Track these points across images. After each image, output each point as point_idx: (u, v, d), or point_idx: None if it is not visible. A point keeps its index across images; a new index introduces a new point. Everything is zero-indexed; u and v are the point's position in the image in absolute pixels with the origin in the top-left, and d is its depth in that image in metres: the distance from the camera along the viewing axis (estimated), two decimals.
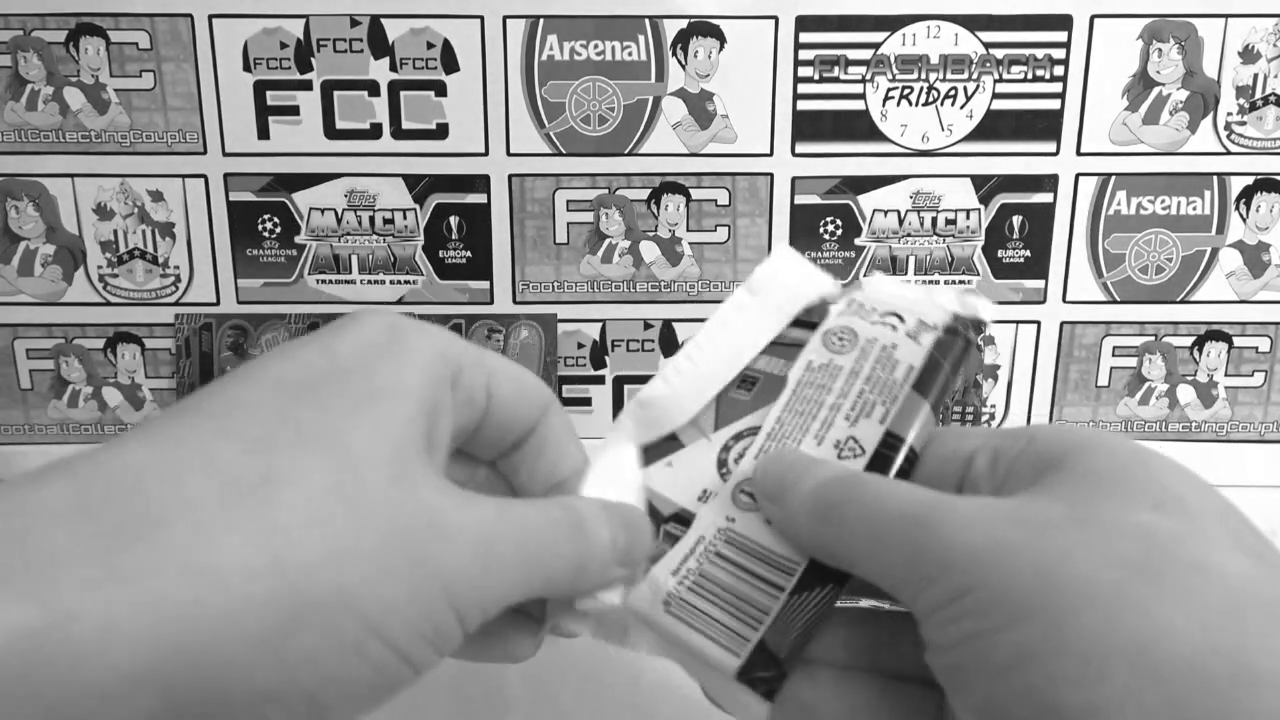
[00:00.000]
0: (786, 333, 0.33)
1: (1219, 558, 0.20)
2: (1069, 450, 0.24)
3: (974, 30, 0.57)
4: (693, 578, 0.28)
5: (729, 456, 0.30)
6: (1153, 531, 0.20)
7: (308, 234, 0.60)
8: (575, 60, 0.57)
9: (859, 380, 0.29)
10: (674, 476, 0.30)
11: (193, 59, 0.57)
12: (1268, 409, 0.62)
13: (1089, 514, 0.21)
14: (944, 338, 0.29)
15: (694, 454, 0.31)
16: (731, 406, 0.31)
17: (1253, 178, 0.59)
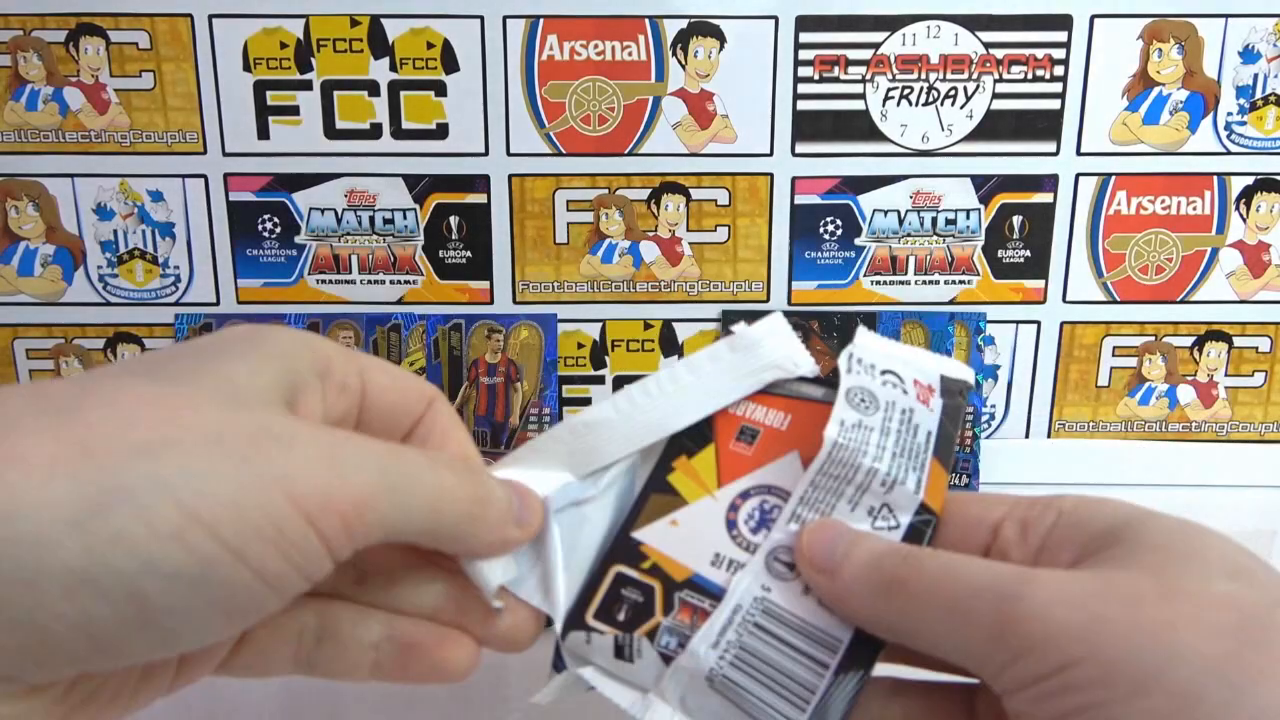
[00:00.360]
0: (785, 384, 0.31)
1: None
2: (1123, 525, 0.24)
3: (974, 30, 0.57)
4: (734, 651, 0.27)
5: (738, 517, 0.29)
6: (1239, 601, 0.21)
7: (307, 234, 0.60)
8: (575, 60, 0.57)
9: (890, 443, 0.27)
10: (680, 538, 0.29)
11: (193, 59, 0.57)
12: (1268, 409, 0.62)
13: (1175, 586, 0.22)
14: (949, 403, 0.29)
15: (699, 513, 0.29)
16: (733, 461, 0.30)
17: (1253, 178, 0.59)
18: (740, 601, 0.27)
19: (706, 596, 0.28)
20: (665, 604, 0.28)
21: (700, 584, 0.28)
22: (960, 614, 0.23)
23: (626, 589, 0.28)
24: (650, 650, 0.27)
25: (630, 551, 0.29)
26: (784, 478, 0.29)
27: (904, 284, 0.61)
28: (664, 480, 0.30)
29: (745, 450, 0.30)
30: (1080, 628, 0.21)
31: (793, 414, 0.30)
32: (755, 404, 0.30)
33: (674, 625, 0.28)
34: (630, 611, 0.28)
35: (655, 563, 0.29)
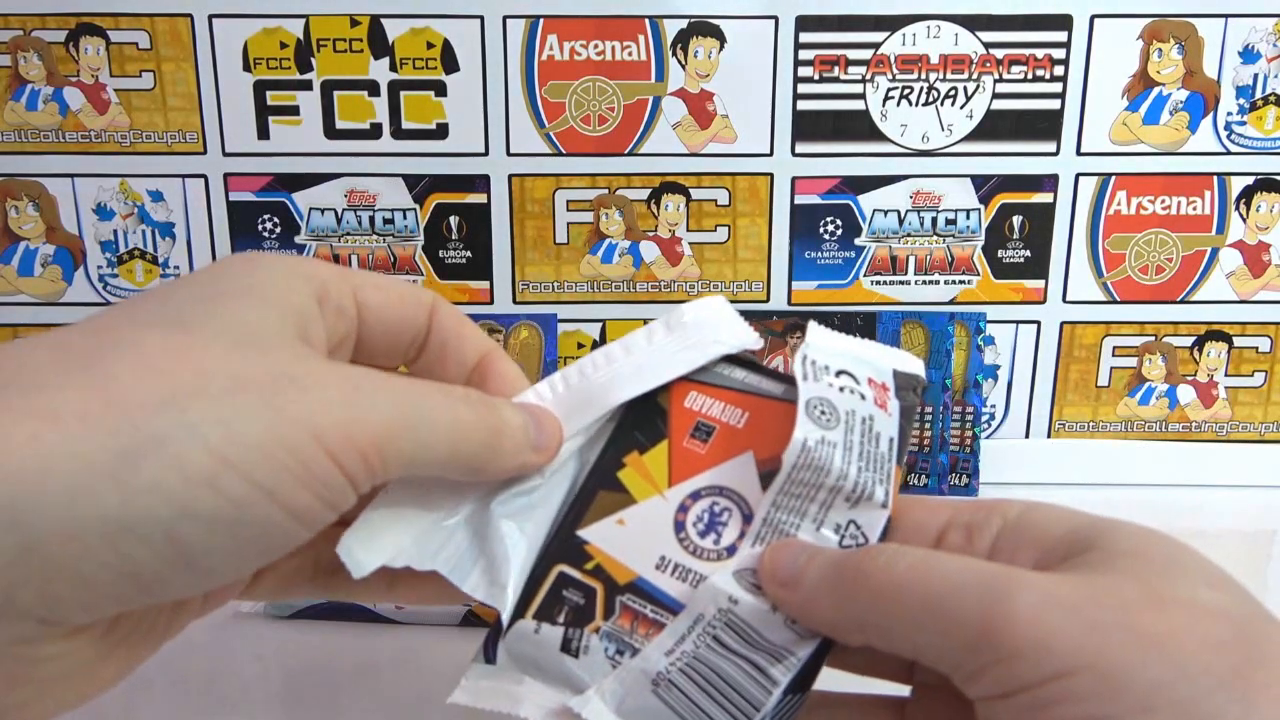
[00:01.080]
0: (745, 379, 0.30)
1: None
2: (1090, 530, 0.23)
3: (974, 30, 0.57)
4: (686, 660, 0.26)
5: (687, 519, 0.28)
6: (1230, 612, 0.21)
7: (308, 234, 0.60)
8: (575, 60, 0.57)
9: (854, 458, 0.26)
10: (626, 538, 0.28)
11: (193, 59, 0.57)
12: (1268, 409, 0.62)
13: (1164, 594, 0.21)
14: (905, 403, 0.28)
15: (647, 513, 0.28)
16: (685, 459, 0.29)
17: (1253, 178, 0.59)
18: (704, 611, 0.26)
19: (649, 602, 0.27)
20: (606, 608, 0.27)
21: (643, 588, 0.27)
22: (939, 612, 0.22)
23: (568, 590, 0.28)
24: (598, 647, 0.27)
25: (574, 550, 0.28)
26: (737, 479, 0.28)
27: (904, 284, 0.61)
28: (614, 476, 0.29)
29: (699, 448, 0.29)
30: (1077, 635, 0.20)
31: (750, 411, 0.29)
32: (712, 399, 0.30)
33: (614, 630, 0.27)
34: (570, 613, 0.27)
35: (599, 563, 0.28)
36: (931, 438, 0.60)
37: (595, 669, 0.27)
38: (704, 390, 0.30)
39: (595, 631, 0.27)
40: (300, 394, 0.21)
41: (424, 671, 0.40)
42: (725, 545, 0.28)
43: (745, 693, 0.26)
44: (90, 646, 0.22)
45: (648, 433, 0.29)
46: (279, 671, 0.40)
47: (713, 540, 0.28)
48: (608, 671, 0.27)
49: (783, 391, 0.29)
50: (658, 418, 0.29)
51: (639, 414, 0.30)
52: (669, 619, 0.27)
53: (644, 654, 0.26)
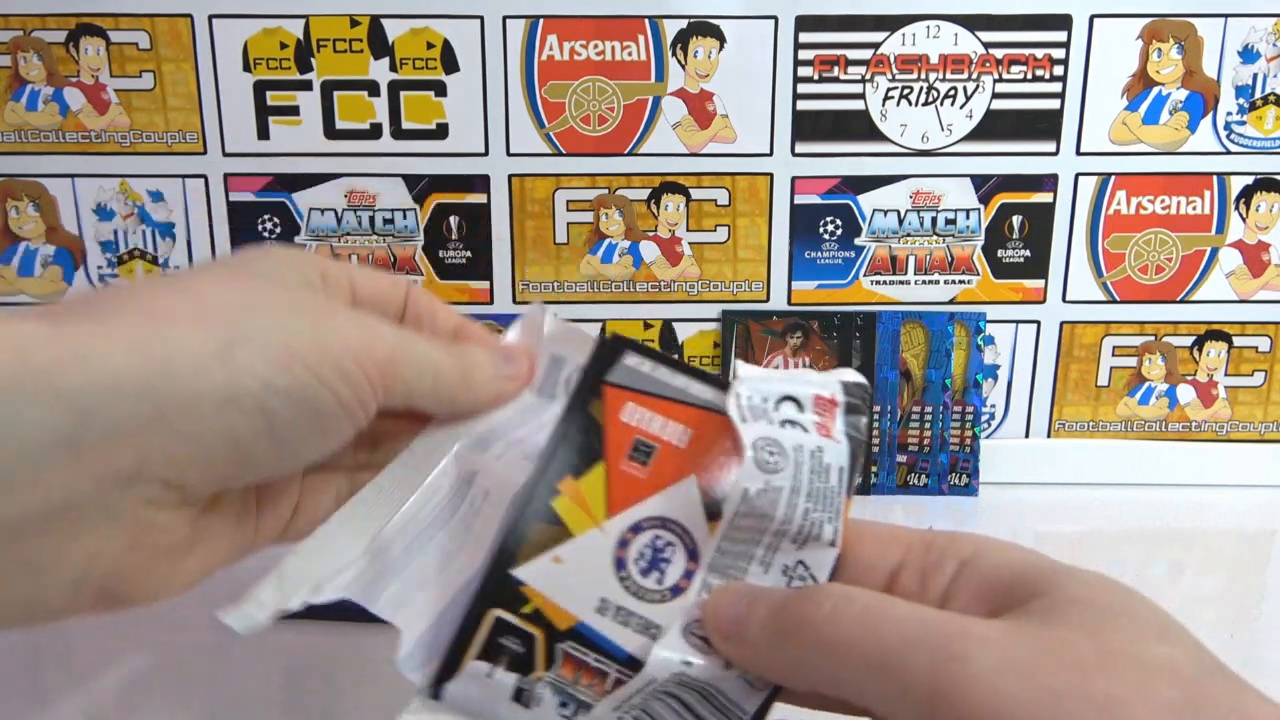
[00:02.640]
0: (677, 384, 0.28)
1: (1248, 705, 0.21)
2: (1038, 576, 0.23)
3: (974, 30, 0.57)
4: (634, 713, 0.25)
5: (628, 556, 0.26)
6: (1180, 670, 0.21)
7: (308, 234, 0.60)
8: (575, 60, 0.57)
9: (801, 498, 0.25)
10: (564, 579, 0.26)
11: (193, 59, 0.57)
12: (1267, 409, 0.62)
13: (1114, 650, 0.21)
14: (852, 422, 0.27)
15: (585, 548, 0.26)
16: (624, 485, 0.27)
17: (1252, 177, 0.59)
18: (656, 675, 0.25)
19: (591, 650, 0.25)
20: (548, 656, 0.26)
21: (585, 634, 0.26)
22: (888, 669, 0.21)
23: (505, 637, 0.26)
24: (551, 698, 0.25)
25: (510, 593, 0.26)
26: (680, 509, 0.26)
27: (904, 284, 0.61)
28: (548, 506, 0.27)
29: (639, 471, 0.27)
30: (1030, 701, 0.20)
31: (692, 429, 0.27)
32: (651, 411, 0.27)
33: (556, 681, 0.25)
34: (510, 663, 0.26)
35: (537, 607, 0.26)
36: (931, 438, 0.60)
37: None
38: (642, 401, 0.28)
39: (539, 681, 0.26)
40: (333, 320, 0.27)
41: None
42: (669, 585, 0.26)
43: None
44: (186, 528, 0.26)
45: (583, 453, 0.27)
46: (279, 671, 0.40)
47: (655, 580, 0.26)
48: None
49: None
50: (592, 434, 0.27)
51: (573, 429, 0.28)
52: (612, 668, 0.25)
53: (594, 713, 0.25)
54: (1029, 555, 0.25)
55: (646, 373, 0.28)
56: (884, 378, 0.60)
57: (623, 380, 0.28)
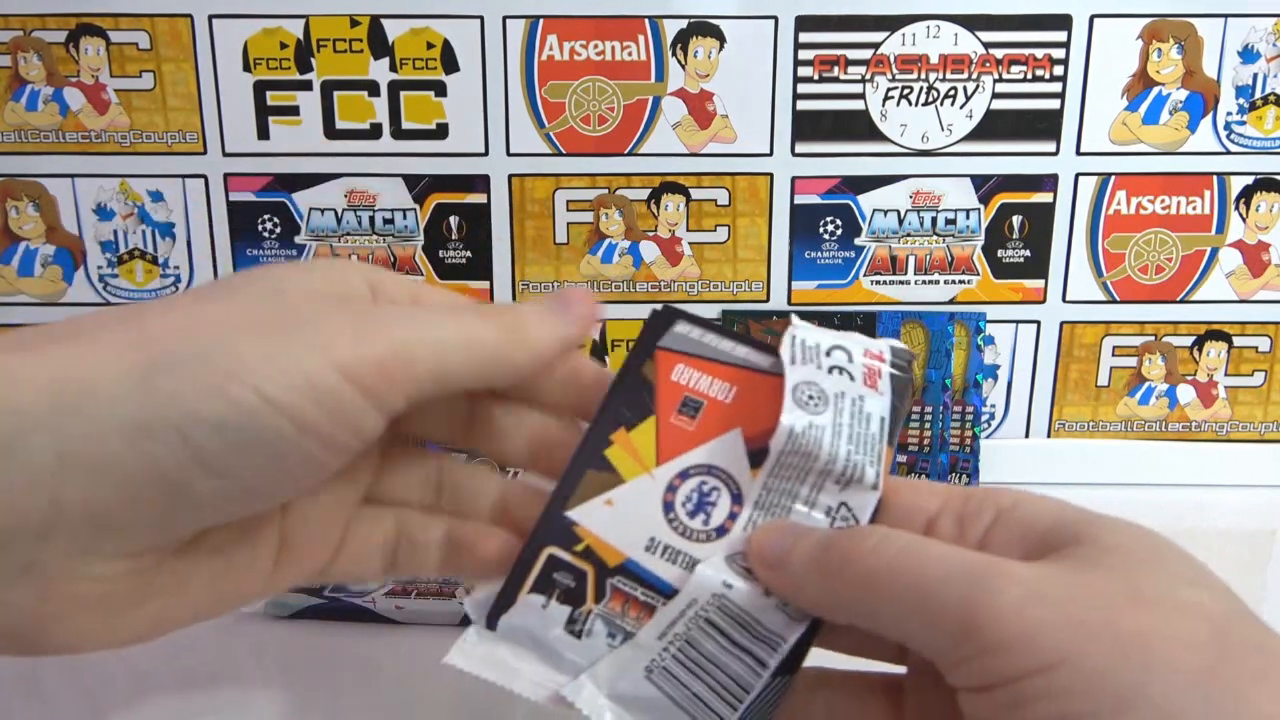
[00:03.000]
0: (724, 348, 0.30)
1: (1274, 643, 0.21)
2: (1075, 524, 0.24)
3: (974, 30, 0.57)
4: (679, 644, 0.26)
5: (676, 500, 0.28)
6: (1208, 611, 0.21)
7: (308, 234, 0.60)
8: (575, 60, 0.57)
9: (843, 441, 0.27)
10: (615, 519, 0.28)
11: (193, 59, 0.57)
12: (1267, 408, 0.62)
13: (1145, 592, 0.22)
14: (897, 376, 0.28)
15: (636, 493, 0.28)
16: (673, 436, 0.29)
17: (1253, 177, 0.59)
18: (696, 596, 0.26)
19: (639, 584, 0.27)
20: (597, 590, 0.27)
21: (633, 570, 0.27)
22: (924, 601, 0.22)
23: (559, 572, 0.28)
24: (601, 629, 0.27)
25: (564, 532, 0.28)
26: (725, 458, 0.28)
27: (904, 284, 0.61)
28: (601, 455, 0.29)
29: (687, 424, 0.29)
30: (1058, 630, 0.21)
31: (738, 386, 0.29)
32: (699, 372, 0.29)
33: (605, 613, 0.27)
34: (562, 596, 0.27)
35: (589, 545, 0.28)
36: (931, 438, 0.60)
37: (593, 652, 0.27)
38: (690, 363, 0.30)
39: (589, 613, 0.27)
40: (308, 325, 0.23)
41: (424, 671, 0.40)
42: (715, 526, 0.28)
43: (735, 676, 0.26)
44: (131, 579, 0.23)
45: (634, 408, 0.29)
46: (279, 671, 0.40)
47: (702, 521, 0.28)
48: (604, 655, 0.27)
49: (770, 365, 0.29)
50: (644, 392, 0.29)
51: (626, 387, 0.29)
52: (660, 602, 0.27)
53: (637, 639, 0.27)
54: (1067, 506, 0.25)
55: (696, 338, 0.30)
56: None
57: (673, 345, 0.30)
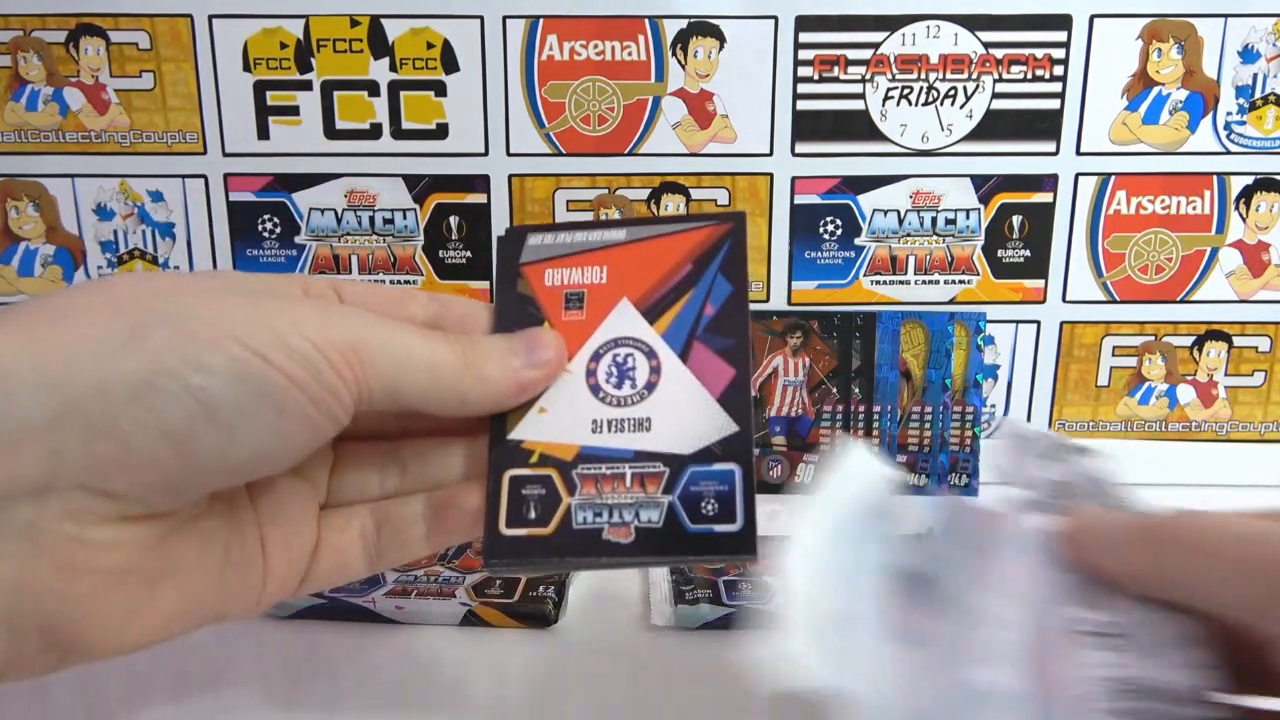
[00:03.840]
0: (577, 240, 0.32)
1: None
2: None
3: (974, 30, 0.57)
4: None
5: (599, 380, 0.30)
6: None
7: (308, 234, 0.60)
8: (575, 60, 0.57)
9: None
10: (554, 421, 0.29)
11: (193, 59, 0.57)
12: (1267, 409, 0.62)
13: None
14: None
15: (562, 392, 0.30)
16: (572, 330, 0.30)
17: (1252, 177, 0.59)
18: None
19: (602, 463, 0.29)
20: (567, 485, 0.29)
21: (591, 454, 0.29)
22: (1246, 551, 0.20)
23: (526, 488, 0.29)
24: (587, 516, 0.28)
25: (514, 453, 0.29)
26: (624, 326, 0.30)
27: (904, 284, 0.61)
28: None
29: (578, 316, 0.31)
30: None
31: (606, 265, 0.31)
32: (568, 269, 0.31)
33: (584, 501, 0.28)
34: (539, 506, 0.28)
35: (541, 453, 0.29)
36: (931, 438, 0.60)
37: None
38: (556, 264, 0.32)
39: (566, 512, 0.28)
40: (279, 306, 0.24)
41: (424, 671, 0.40)
42: (643, 385, 0.30)
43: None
44: (142, 552, 0.22)
45: (526, 324, 0.31)
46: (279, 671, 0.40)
47: (630, 386, 0.30)
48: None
49: (626, 234, 0.32)
50: (528, 306, 0.31)
51: (510, 311, 0.31)
52: (625, 468, 0.29)
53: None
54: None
55: (550, 243, 0.32)
56: (884, 378, 0.60)
57: (534, 257, 0.32)
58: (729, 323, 0.30)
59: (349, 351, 0.24)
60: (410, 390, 0.25)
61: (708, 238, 0.32)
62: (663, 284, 0.31)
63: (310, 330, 0.23)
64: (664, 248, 0.31)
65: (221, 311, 0.22)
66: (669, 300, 0.31)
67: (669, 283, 0.31)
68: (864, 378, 0.59)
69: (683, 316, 0.31)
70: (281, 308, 0.23)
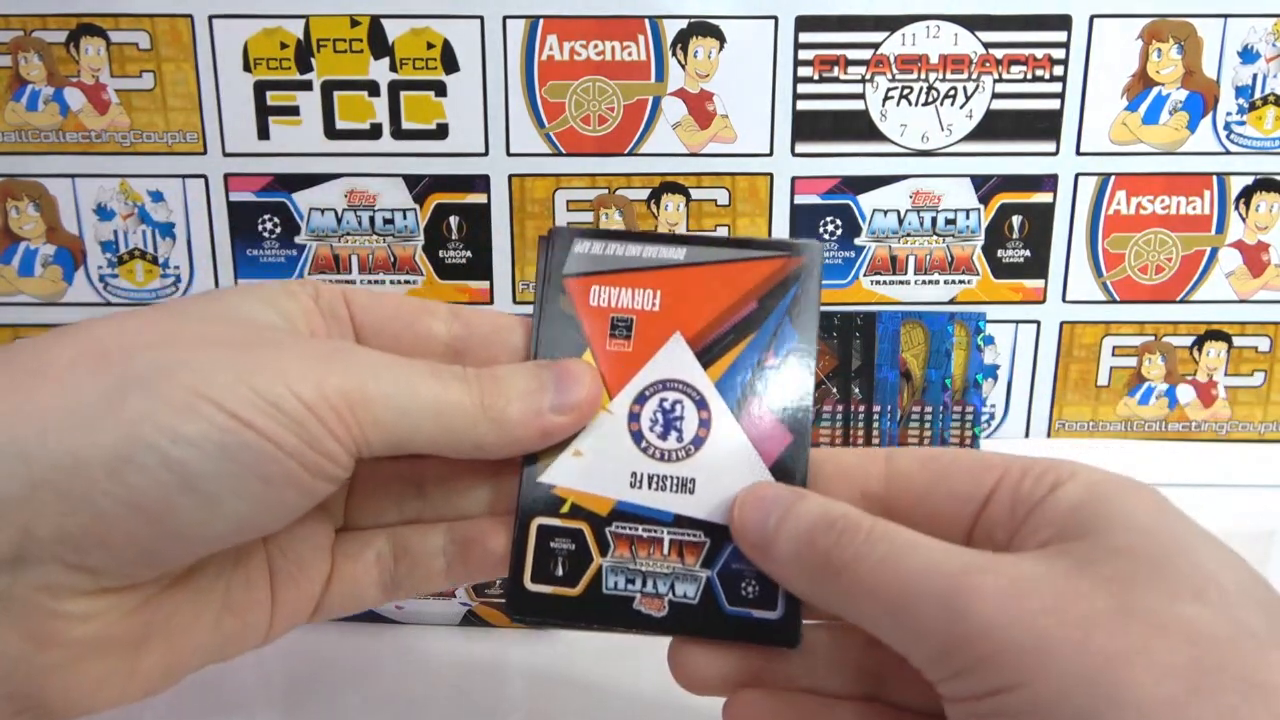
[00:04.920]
0: (630, 254, 0.29)
1: (1265, 674, 0.19)
2: (1098, 516, 0.23)
3: (973, 30, 0.57)
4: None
5: (642, 427, 0.27)
6: (1200, 631, 0.20)
7: (308, 234, 0.60)
8: (575, 60, 0.57)
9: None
10: (590, 468, 0.27)
11: (193, 59, 0.57)
12: (1267, 409, 0.62)
13: (1134, 606, 0.20)
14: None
15: (600, 434, 0.27)
16: (616, 363, 0.27)
17: (1252, 177, 0.59)
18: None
19: (639, 523, 0.27)
20: (599, 543, 0.27)
21: (627, 511, 0.27)
22: (903, 617, 0.22)
23: (555, 540, 0.27)
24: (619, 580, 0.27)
25: (544, 499, 0.27)
26: (674, 366, 0.27)
27: (904, 284, 0.61)
28: None
29: (624, 346, 0.28)
30: (1027, 650, 0.20)
31: (660, 289, 0.28)
32: (617, 287, 0.28)
33: (616, 564, 0.26)
34: (567, 563, 0.27)
35: (574, 503, 0.27)
36: (931, 438, 0.60)
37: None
38: (604, 280, 0.28)
39: (596, 574, 0.26)
40: (271, 351, 0.22)
41: (424, 671, 0.40)
42: (690, 439, 0.27)
43: None
44: (123, 620, 0.22)
45: (567, 348, 0.28)
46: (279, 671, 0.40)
47: (675, 439, 0.27)
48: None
49: (685, 255, 0.28)
50: (569, 328, 0.28)
51: (549, 330, 0.28)
52: (663, 532, 0.26)
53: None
54: (1103, 485, 0.24)
55: (600, 253, 0.29)
56: (884, 378, 0.60)
57: (580, 268, 0.29)
58: (792, 379, 0.28)
59: (345, 408, 0.22)
60: (416, 440, 0.24)
61: (777, 272, 0.29)
62: (722, 321, 0.28)
63: (303, 385, 0.21)
64: (727, 277, 0.28)
65: (205, 368, 0.21)
66: (727, 342, 0.28)
67: (729, 321, 0.28)
68: (864, 378, 0.59)
69: (741, 364, 0.28)
70: (271, 358, 0.22)
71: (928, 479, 0.26)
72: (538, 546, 0.27)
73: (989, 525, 0.25)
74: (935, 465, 0.27)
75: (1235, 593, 0.21)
